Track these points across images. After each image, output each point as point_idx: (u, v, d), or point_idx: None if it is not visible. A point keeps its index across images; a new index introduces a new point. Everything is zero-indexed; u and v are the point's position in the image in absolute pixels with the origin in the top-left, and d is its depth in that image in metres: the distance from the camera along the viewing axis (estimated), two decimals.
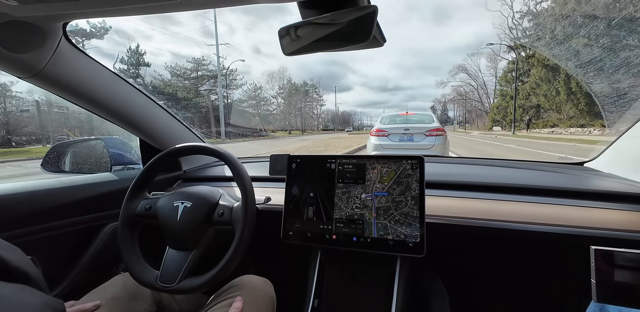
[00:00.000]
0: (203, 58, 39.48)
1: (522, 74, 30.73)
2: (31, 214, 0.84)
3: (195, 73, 38.17)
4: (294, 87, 64.90)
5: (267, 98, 57.65)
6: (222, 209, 0.81)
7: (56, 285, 0.91)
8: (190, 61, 38.91)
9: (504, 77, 36.04)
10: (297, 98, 64.75)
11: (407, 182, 0.81)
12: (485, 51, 46.15)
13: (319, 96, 72.77)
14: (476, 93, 49.06)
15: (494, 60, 43.07)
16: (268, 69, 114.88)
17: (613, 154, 1.00)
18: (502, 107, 35.92)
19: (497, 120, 37.91)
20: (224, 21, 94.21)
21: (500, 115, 36.74)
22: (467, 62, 54.95)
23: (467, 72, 48.36)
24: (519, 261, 0.96)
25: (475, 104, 50.08)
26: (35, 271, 0.37)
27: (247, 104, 51.67)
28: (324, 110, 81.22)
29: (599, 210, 0.78)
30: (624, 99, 1.13)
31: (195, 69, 38.31)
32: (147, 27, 63.89)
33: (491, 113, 39.90)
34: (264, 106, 56.52)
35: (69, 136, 13.93)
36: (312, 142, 19.09)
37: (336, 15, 0.49)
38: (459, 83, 51.44)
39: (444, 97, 69.21)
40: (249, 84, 60.77)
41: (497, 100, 39.69)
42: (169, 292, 0.74)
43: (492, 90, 44.95)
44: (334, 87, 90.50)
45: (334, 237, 0.85)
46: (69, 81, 0.83)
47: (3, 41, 0.66)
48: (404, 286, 0.84)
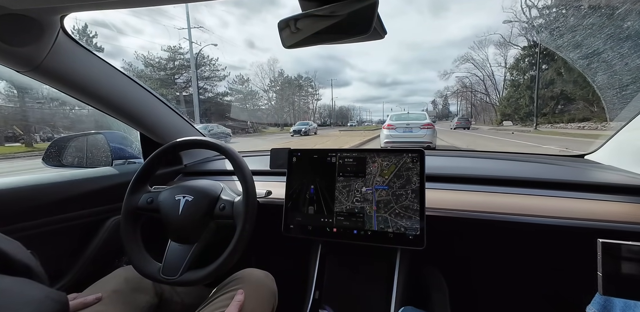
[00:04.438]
0: (179, 46, 34.38)
1: (541, 61, 25.52)
2: (33, 208, 0.85)
3: (172, 63, 33.79)
4: (287, 80, 59.32)
5: (255, 91, 51.30)
6: (223, 203, 0.81)
7: (59, 278, 0.92)
8: (165, 50, 34.11)
9: (516, 66, 32.65)
10: (291, 92, 59.46)
11: (408, 175, 0.81)
12: (493, 38, 41.60)
13: (314, 90, 67.76)
14: (482, 85, 44.61)
15: (504, 47, 38.51)
16: (256, 60, 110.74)
17: (614, 146, 1.00)
18: (514, 99, 32.05)
19: (507, 114, 33.60)
20: (215, 13, 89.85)
21: (511, 109, 32.41)
22: (473, 50, 47.10)
23: (473, 62, 43.41)
24: (519, 254, 0.97)
25: (481, 97, 46.18)
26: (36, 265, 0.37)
27: (234, 98, 45.25)
28: (322, 106, 77.09)
29: (600, 202, 0.78)
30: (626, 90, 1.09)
31: (172, 58, 33.81)
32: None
33: (500, 106, 36.02)
34: (252, 100, 50.01)
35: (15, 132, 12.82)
36: (286, 142, 15.63)
37: (336, 7, 0.49)
38: (464, 73, 47.04)
39: (447, 90, 65.20)
40: (236, 76, 51.60)
41: (507, 92, 35.66)
42: (171, 284, 0.75)
43: (501, 81, 40.72)
44: (330, 80, 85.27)
45: (335, 230, 0.85)
46: (67, 75, 0.83)
47: (0, 35, 0.65)
48: (404, 278, 0.85)
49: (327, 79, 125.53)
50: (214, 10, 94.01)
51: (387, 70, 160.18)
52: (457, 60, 46.69)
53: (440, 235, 0.83)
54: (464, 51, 74.16)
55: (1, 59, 0.71)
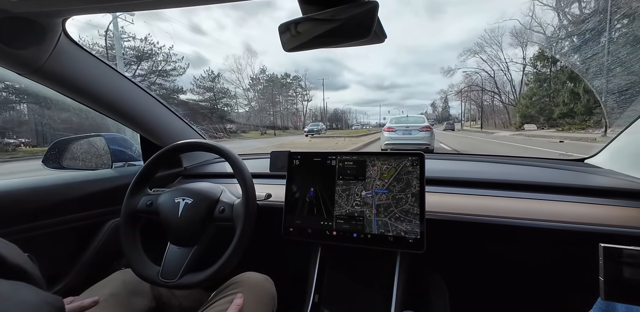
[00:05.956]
0: (123, 30, 24.69)
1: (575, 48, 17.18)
2: (32, 211, 0.84)
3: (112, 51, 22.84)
4: (272, 78, 50.38)
5: (227, 90, 41.33)
6: (222, 205, 0.81)
7: (58, 281, 0.91)
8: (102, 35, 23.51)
9: (541, 56, 26.46)
10: (277, 91, 50.19)
11: (408, 179, 0.81)
12: (507, 26, 35.10)
13: (303, 90, 57.61)
14: (493, 82, 37.21)
15: (522, 35, 30.88)
16: (232, 52, 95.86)
17: (614, 150, 1.00)
18: (538, 97, 26.24)
19: (529, 116, 27.19)
20: (212, 17, 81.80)
21: (535, 109, 26.24)
22: (484, 39, 36.70)
23: (482, 55, 35.70)
24: (519, 258, 0.96)
25: (491, 96, 38.57)
26: (33, 268, 0.37)
27: (201, 98, 37.48)
28: (313, 107, 66.52)
29: (600, 206, 0.78)
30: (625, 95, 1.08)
31: (110, 46, 23.36)
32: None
33: (521, 106, 29.07)
34: (224, 99, 40.62)
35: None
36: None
37: (337, 11, 0.49)
38: (472, 69, 38.65)
39: (451, 88, 52.14)
40: (205, 70, 44.18)
41: (528, 89, 28.98)
42: (170, 287, 0.75)
43: (517, 77, 34.01)
44: (322, 79, 73.55)
45: (334, 234, 0.85)
46: (68, 77, 0.83)
47: (3, 37, 0.66)
48: (404, 281, 0.85)
49: (319, 78, 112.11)
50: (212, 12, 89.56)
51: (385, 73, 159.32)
52: (463, 54, 38.91)
53: (440, 239, 0.82)
54: (470, 45, 65.44)
55: (2, 61, 0.72)
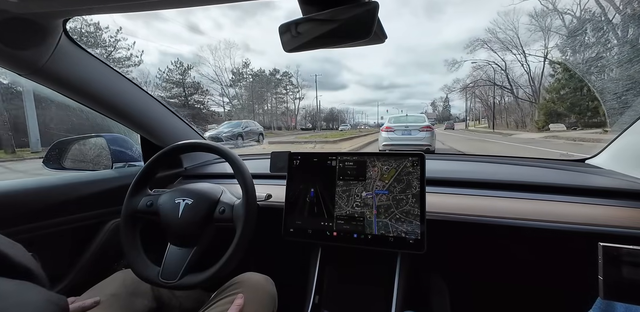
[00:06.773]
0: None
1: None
2: (33, 211, 0.84)
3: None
4: (257, 73, 43.41)
5: (202, 84, 35.18)
6: (223, 206, 0.81)
7: (58, 281, 0.92)
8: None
9: (571, 42, 19.40)
10: (265, 89, 44.01)
11: (408, 179, 0.81)
12: (525, 8, 29.69)
13: (294, 87, 50.51)
14: (505, 76, 31.23)
15: (544, 17, 24.92)
16: (208, 42, 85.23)
17: (615, 151, 1.00)
18: (570, 89, 21.87)
19: (556, 115, 22.93)
20: (210, 16, 76.67)
21: (565, 105, 21.75)
22: (496, 25, 29.84)
23: (494, 44, 29.14)
24: (519, 258, 0.96)
25: (503, 93, 32.89)
26: (37, 268, 0.37)
27: (169, 94, 32.03)
28: (307, 106, 58.47)
29: (600, 207, 0.78)
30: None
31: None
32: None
33: (545, 102, 24.37)
34: (195, 96, 34.52)
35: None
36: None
37: (337, 11, 0.49)
38: (481, 60, 32.24)
39: (456, 83, 42.87)
40: (173, 61, 35.17)
41: (554, 80, 24.31)
42: (170, 288, 0.75)
43: (536, 69, 28.42)
44: (314, 76, 69.21)
45: (335, 234, 0.85)
46: (69, 78, 0.83)
47: (3, 38, 0.66)
48: (404, 282, 0.85)
49: (324, 82, 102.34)
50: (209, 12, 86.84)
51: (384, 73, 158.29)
52: (470, 45, 32.25)
53: (440, 239, 0.82)
54: (479, 33, 56.89)
55: (3, 62, 0.72)
